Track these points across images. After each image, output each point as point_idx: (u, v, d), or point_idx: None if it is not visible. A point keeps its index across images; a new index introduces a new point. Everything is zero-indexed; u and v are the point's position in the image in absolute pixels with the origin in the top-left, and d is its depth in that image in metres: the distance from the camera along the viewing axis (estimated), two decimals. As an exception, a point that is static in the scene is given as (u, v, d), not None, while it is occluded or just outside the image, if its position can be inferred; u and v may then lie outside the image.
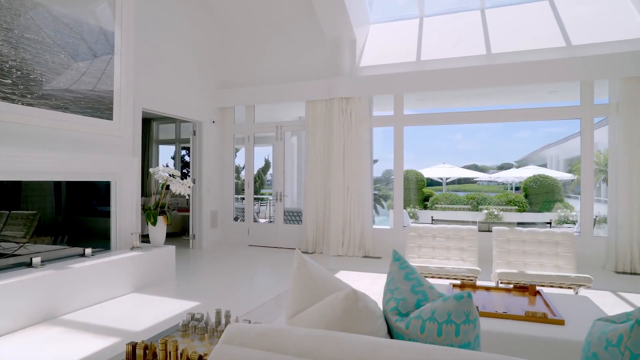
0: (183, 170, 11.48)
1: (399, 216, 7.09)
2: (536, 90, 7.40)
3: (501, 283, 3.88)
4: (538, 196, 14.47)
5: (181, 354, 1.81)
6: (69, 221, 4.64)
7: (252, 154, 8.14)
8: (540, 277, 3.79)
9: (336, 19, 6.90)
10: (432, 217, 8.89)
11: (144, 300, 4.23)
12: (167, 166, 5.22)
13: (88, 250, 4.34)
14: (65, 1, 4.30)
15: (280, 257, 6.74)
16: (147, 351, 1.87)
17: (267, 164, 16.54)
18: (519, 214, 13.15)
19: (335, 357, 1.05)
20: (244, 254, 7.04)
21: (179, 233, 9.11)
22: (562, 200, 14.30)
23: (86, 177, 4.56)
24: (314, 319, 1.32)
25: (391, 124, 7.07)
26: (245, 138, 8.09)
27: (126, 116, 5.04)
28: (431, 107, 9.87)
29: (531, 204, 14.36)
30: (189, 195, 7.51)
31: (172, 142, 10.49)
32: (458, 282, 3.49)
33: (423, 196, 15.83)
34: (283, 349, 1.10)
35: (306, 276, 1.50)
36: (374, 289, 4.61)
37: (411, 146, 25.32)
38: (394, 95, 6.99)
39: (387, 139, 7.17)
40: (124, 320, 3.63)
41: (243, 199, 8.25)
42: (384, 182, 16.17)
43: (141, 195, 7.87)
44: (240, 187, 10.06)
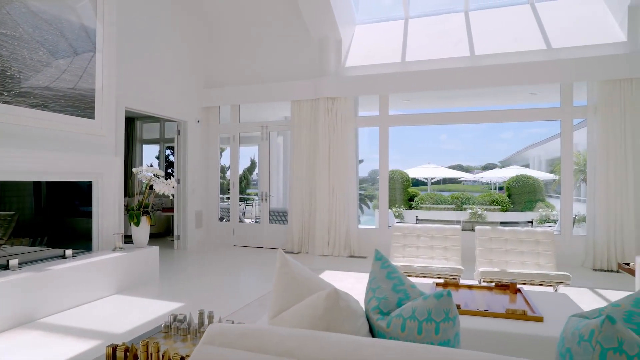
0: (168, 170, 11.35)
1: (384, 216, 7.13)
2: (519, 92, 7.54)
3: (483, 281, 3.94)
4: (520, 196, 14.74)
5: (163, 356, 1.79)
6: (49, 222, 4.55)
7: (237, 153, 8.09)
8: (521, 275, 3.87)
9: (322, 19, 6.91)
10: (417, 216, 8.97)
11: (126, 302, 4.16)
12: (151, 166, 5.15)
13: (68, 252, 4.25)
14: (44, -3, 4.20)
15: (266, 257, 6.72)
16: (127, 353, 1.85)
17: (253, 163, 16.47)
18: (502, 214, 13.37)
19: (317, 357, 1.05)
20: (229, 254, 7.00)
21: (163, 233, 9.00)
22: (543, 200, 14.59)
23: (66, 177, 4.47)
24: (295, 318, 1.33)
25: (376, 124, 7.11)
26: (231, 138, 8.04)
27: (108, 115, 4.96)
28: (416, 107, 9.97)
29: (514, 203, 14.62)
30: (173, 196, 7.42)
31: (157, 141, 10.36)
32: (441, 281, 3.53)
33: (408, 196, 15.97)
34: (264, 349, 1.10)
35: (288, 276, 1.50)
36: (359, 288, 4.63)
37: (397, 146, 25.50)
38: (379, 96, 7.04)
39: (373, 139, 7.22)
40: (106, 322, 3.57)
41: (228, 199, 8.20)
42: (370, 182, 16.25)
43: (125, 196, 7.75)
44: (225, 187, 9.98)
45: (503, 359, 0.98)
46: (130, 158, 9.81)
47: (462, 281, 4.01)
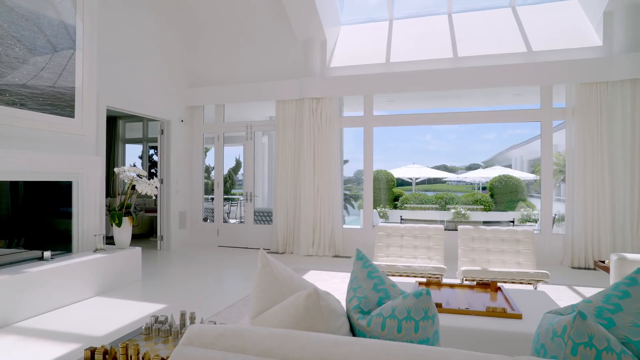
0: (151, 169, 11.19)
1: (368, 216, 7.17)
2: (501, 93, 7.67)
3: (466, 280, 4.00)
4: (503, 195, 15.00)
5: (143, 358, 1.77)
6: (26, 223, 4.44)
7: (221, 153, 8.03)
8: (502, 273, 3.94)
9: (307, 19, 6.91)
10: (401, 216, 9.05)
11: (107, 304, 4.09)
12: (134, 166, 5.08)
13: (47, 254, 4.15)
14: (22, -7, 4.10)
15: (250, 257, 6.69)
16: (106, 356, 1.82)
17: (238, 163, 16.37)
18: (485, 213, 13.58)
19: (296, 356, 1.05)
20: (213, 255, 6.94)
21: (146, 234, 8.87)
22: (525, 200, 14.88)
23: (45, 177, 4.37)
24: (276, 318, 1.33)
25: (361, 125, 7.15)
26: (215, 137, 7.97)
27: (89, 114, 4.86)
28: (401, 108, 10.04)
29: (496, 203, 14.87)
30: (155, 196, 7.33)
31: (140, 141, 10.20)
32: (424, 280, 3.57)
33: (393, 196, 16.09)
34: (244, 349, 1.10)
35: (270, 276, 1.50)
36: (343, 288, 4.65)
37: (382, 146, 25.66)
38: (364, 96, 7.08)
39: (358, 139, 7.25)
40: (85, 325, 3.50)
41: (213, 199, 8.13)
42: (355, 182, 16.31)
43: (107, 196, 7.62)
44: (210, 187, 9.90)
45: (478, 355, 1.00)
46: (113, 158, 9.65)
47: (444, 280, 4.07)
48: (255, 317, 1.44)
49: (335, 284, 4.95)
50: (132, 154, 11.15)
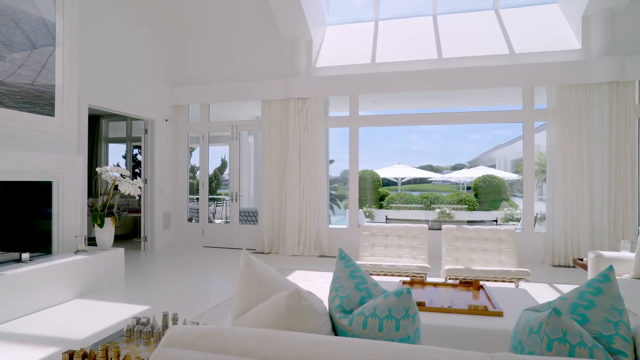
0: (135, 169, 11.02)
1: (354, 216, 7.20)
2: (485, 94, 7.79)
3: (449, 279, 4.05)
4: (487, 195, 15.23)
5: (123, 360, 1.74)
6: (3, 224, 4.33)
7: (207, 153, 7.96)
8: (484, 272, 4.00)
9: (293, 19, 6.90)
10: (387, 216, 9.11)
11: (88, 307, 4.02)
12: (117, 165, 5.01)
13: (25, 255, 4.05)
14: (-1, -12, 4.00)
15: (235, 258, 6.64)
16: (85, 359, 1.79)
17: (224, 163, 16.25)
18: (469, 213, 13.77)
19: (277, 356, 1.05)
20: (198, 255, 6.88)
21: (129, 235, 8.74)
22: (508, 199, 15.13)
23: (23, 176, 4.26)
24: (258, 318, 1.32)
25: (347, 125, 7.17)
26: (200, 137, 7.90)
27: (70, 112, 4.77)
28: (386, 108, 10.11)
29: (480, 202, 15.09)
30: (139, 196, 7.22)
31: (124, 140, 10.05)
32: (408, 279, 3.60)
33: (379, 196, 16.19)
34: (225, 349, 1.10)
35: (252, 276, 1.49)
36: (328, 288, 4.65)
37: (368, 147, 25.75)
38: (350, 96, 7.10)
39: (344, 140, 7.27)
40: (65, 328, 3.43)
41: (198, 199, 8.06)
42: (342, 182, 16.35)
43: (89, 196, 7.48)
44: (196, 187, 9.80)
45: (457, 352, 1.01)
46: (96, 157, 9.48)
47: (428, 279, 4.11)
48: (237, 318, 1.43)
49: (320, 284, 4.95)
50: (116, 153, 10.98)
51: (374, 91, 6.99)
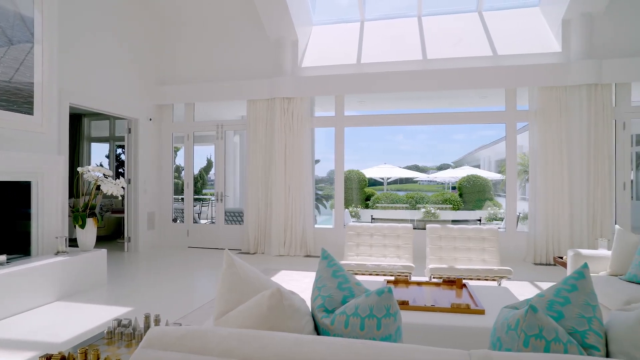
0: (119, 169, 10.85)
1: (340, 215, 7.22)
2: (469, 95, 7.89)
3: (433, 278, 4.09)
4: (471, 195, 15.43)
5: (103, 363, 1.72)
6: (-20, 225, 4.21)
7: (192, 153, 7.88)
8: (467, 271, 4.05)
9: (278, 19, 6.89)
10: (372, 215, 9.15)
11: (69, 309, 3.94)
12: (100, 165, 4.93)
13: (2, 257, 3.94)
14: (-25, -18, 3.89)
15: (221, 258, 6.57)
16: (65, 362, 1.75)
17: (210, 163, 16.10)
18: (454, 212, 13.93)
19: (257, 355, 1.05)
20: (182, 256, 6.80)
21: (112, 236, 8.59)
22: (492, 199, 15.36)
23: (0, 176, 4.16)
24: (240, 318, 1.32)
25: (332, 125, 7.18)
26: (185, 137, 7.82)
27: (49, 111, 4.66)
28: (372, 108, 10.16)
29: (465, 202, 15.28)
30: (122, 196, 7.11)
31: (107, 139, 9.88)
32: (393, 278, 3.63)
33: (365, 195, 16.25)
34: (205, 349, 1.09)
35: (235, 276, 1.49)
36: (315, 287, 4.65)
37: (353, 147, 25.81)
38: (335, 97, 7.12)
39: (330, 139, 7.28)
40: (44, 331, 3.36)
41: (183, 199, 7.97)
42: (328, 182, 16.38)
43: (71, 197, 7.33)
44: (181, 187, 9.70)
45: (437, 350, 1.02)
46: (78, 157, 9.30)
47: (413, 278, 4.14)
48: (219, 318, 1.42)
49: (306, 283, 4.95)
50: (99, 153, 10.78)
51: (360, 91, 7.02)
